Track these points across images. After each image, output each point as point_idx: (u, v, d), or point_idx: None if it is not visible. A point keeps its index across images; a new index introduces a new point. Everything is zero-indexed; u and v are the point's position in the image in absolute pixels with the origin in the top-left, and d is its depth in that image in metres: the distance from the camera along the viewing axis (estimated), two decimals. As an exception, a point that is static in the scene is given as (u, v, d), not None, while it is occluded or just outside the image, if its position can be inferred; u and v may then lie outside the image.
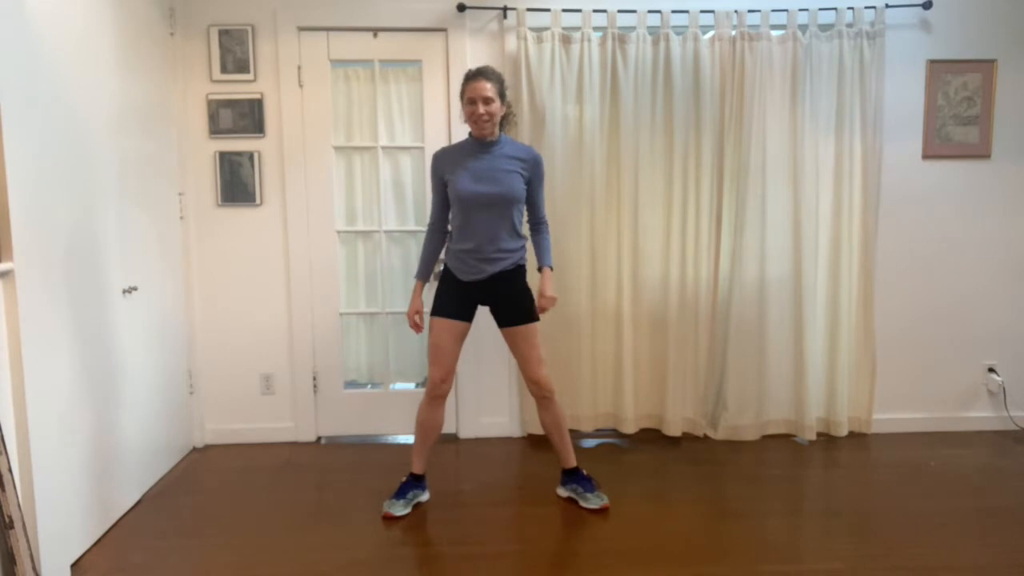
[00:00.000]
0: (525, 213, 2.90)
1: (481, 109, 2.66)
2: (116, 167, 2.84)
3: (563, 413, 2.89)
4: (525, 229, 2.95)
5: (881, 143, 3.58)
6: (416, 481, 2.90)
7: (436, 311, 2.81)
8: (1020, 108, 3.62)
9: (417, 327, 2.88)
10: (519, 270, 2.84)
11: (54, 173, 2.39)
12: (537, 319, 2.82)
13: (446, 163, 2.78)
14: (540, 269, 2.87)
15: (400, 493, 2.87)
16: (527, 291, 2.84)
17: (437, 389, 2.78)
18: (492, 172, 2.71)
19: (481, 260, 2.75)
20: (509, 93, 2.97)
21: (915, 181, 3.64)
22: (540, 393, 2.80)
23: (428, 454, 2.91)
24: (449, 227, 2.88)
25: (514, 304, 2.79)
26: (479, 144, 2.75)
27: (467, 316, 2.81)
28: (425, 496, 2.94)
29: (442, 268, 2.89)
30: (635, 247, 3.53)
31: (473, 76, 2.70)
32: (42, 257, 2.30)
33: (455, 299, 2.80)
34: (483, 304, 2.85)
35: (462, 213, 2.74)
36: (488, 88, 2.66)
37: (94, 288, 2.64)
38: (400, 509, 2.81)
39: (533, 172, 2.81)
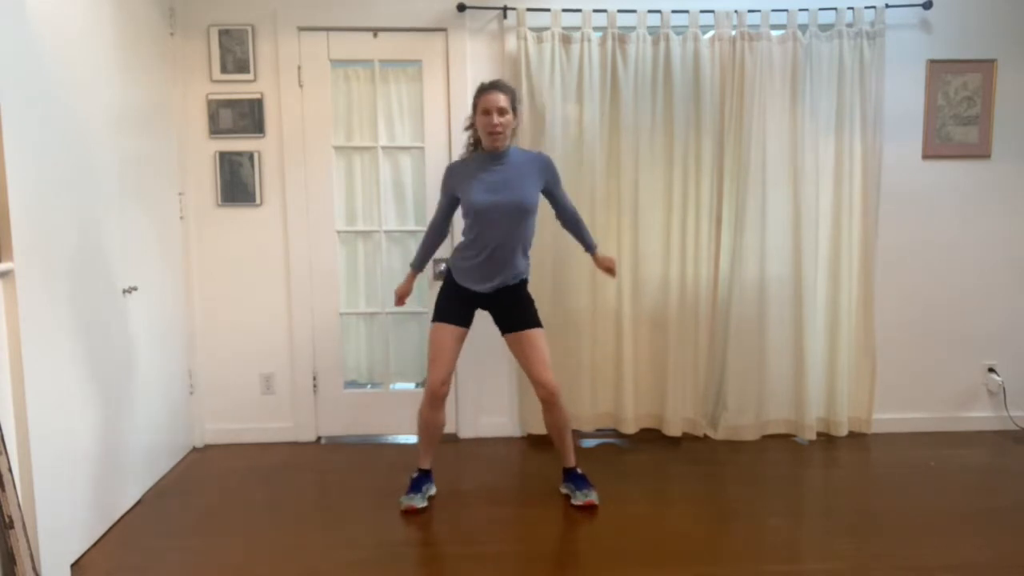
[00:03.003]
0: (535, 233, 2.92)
1: (496, 120, 2.68)
2: (116, 167, 2.83)
3: (567, 416, 2.89)
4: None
5: (881, 143, 3.58)
6: (426, 475, 2.96)
7: (437, 317, 2.84)
8: (1020, 108, 3.62)
9: (400, 302, 3.02)
10: (522, 283, 2.89)
11: (54, 173, 2.39)
12: (541, 325, 2.84)
13: (458, 178, 2.80)
14: (589, 251, 2.99)
15: (415, 488, 2.91)
16: (530, 299, 2.89)
17: (437, 392, 2.80)
18: (505, 182, 2.73)
19: (489, 273, 2.78)
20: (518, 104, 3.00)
21: (915, 181, 3.64)
22: (545, 396, 2.79)
23: (434, 450, 2.96)
24: (462, 236, 2.88)
25: (518, 311, 2.83)
26: (490, 156, 2.77)
27: (467, 322, 2.86)
28: (433, 489, 2.98)
29: (444, 270, 2.91)
30: (635, 247, 3.53)
31: (487, 88, 2.73)
32: (42, 257, 2.30)
33: (456, 305, 2.84)
34: (484, 309, 2.88)
35: (476, 225, 2.76)
36: (502, 99, 2.69)
37: (94, 288, 2.64)
38: (420, 502, 2.87)
39: (548, 175, 2.83)
